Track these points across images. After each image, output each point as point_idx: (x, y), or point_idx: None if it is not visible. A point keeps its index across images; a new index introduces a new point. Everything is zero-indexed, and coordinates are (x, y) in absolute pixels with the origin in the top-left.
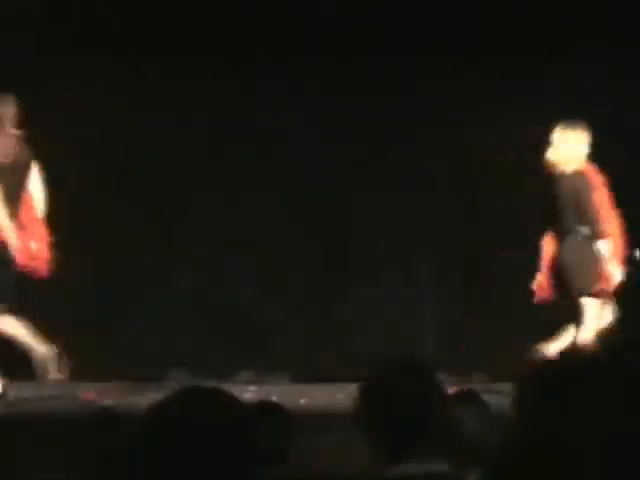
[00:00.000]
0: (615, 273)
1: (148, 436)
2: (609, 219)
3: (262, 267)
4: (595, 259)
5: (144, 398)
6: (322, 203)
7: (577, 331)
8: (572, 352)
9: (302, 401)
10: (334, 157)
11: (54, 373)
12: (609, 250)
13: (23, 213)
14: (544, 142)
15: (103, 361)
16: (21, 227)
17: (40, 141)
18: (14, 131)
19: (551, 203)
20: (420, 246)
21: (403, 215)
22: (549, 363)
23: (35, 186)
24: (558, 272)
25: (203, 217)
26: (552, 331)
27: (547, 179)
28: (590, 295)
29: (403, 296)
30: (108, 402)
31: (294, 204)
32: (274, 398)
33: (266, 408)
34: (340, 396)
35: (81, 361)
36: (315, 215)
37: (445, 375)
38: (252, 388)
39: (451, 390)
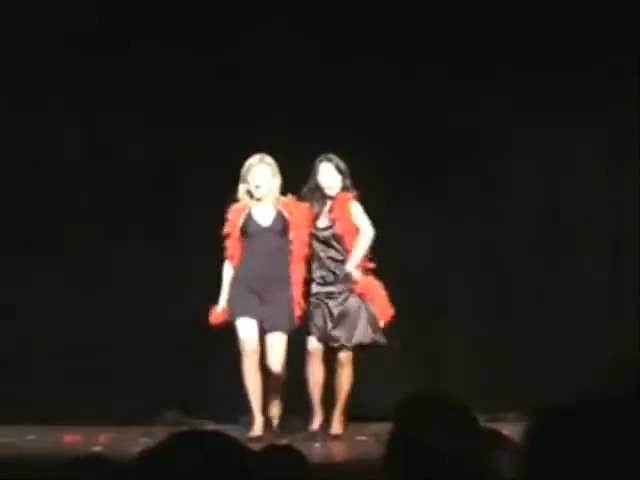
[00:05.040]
0: None
1: None
2: None
3: None
4: None
5: (135, 443)
6: None
7: None
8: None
9: (317, 445)
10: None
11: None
12: None
13: None
14: None
15: (90, 403)
16: None
17: None
18: None
19: None
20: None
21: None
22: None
23: None
24: None
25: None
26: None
27: None
28: None
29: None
30: (96, 448)
31: None
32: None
33: (278, 453)
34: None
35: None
36: None
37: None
38: None
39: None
